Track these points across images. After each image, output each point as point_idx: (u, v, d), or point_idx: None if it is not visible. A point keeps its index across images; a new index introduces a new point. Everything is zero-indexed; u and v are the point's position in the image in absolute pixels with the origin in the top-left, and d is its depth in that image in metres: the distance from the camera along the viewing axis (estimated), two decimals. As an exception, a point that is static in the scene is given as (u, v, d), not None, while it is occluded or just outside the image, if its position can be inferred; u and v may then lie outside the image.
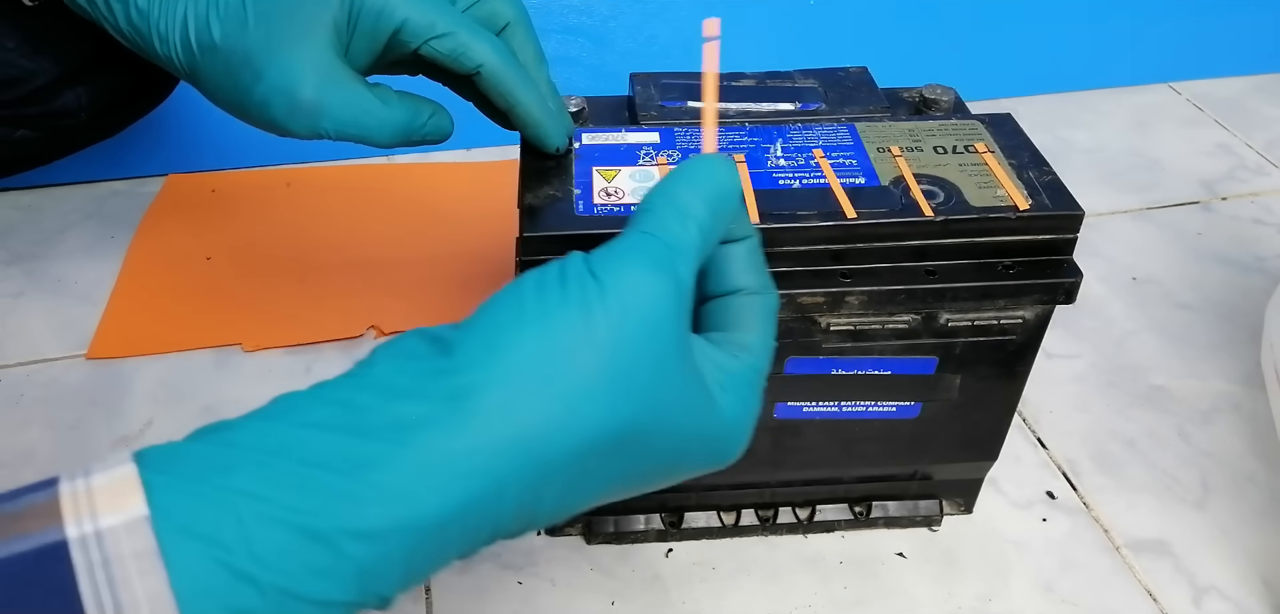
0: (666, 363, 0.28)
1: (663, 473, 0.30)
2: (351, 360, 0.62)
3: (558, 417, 0.26)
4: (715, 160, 0.31)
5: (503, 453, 0.26)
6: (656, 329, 0.28)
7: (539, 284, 0.28)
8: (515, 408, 0.26)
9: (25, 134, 0.56)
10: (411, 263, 0.71)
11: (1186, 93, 0.96)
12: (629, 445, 0.28)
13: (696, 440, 0.30)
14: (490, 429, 0.26)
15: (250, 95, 0.42)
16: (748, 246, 0.33)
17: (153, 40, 0.42)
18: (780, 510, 0.52)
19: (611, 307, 0.27)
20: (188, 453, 0.25)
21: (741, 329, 0.32)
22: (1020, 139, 0.47)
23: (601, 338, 0.27)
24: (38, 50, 0.53)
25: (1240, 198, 0.81)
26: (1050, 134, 0.89)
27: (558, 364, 0.26)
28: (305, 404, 0.26)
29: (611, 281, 0.27)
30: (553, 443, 0.26)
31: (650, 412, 0.28)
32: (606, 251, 0.28)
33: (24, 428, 0.58)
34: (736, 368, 0.31)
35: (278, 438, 0.25)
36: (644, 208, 0.30)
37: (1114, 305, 0.69)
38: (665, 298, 0.28)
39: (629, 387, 0.27)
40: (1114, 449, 0.58)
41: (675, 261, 0.29)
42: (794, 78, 0.52)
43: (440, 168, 0.83)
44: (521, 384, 0.26)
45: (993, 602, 0.50)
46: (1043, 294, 0.43)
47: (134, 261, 0.71)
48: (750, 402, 0.32)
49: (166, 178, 0.81)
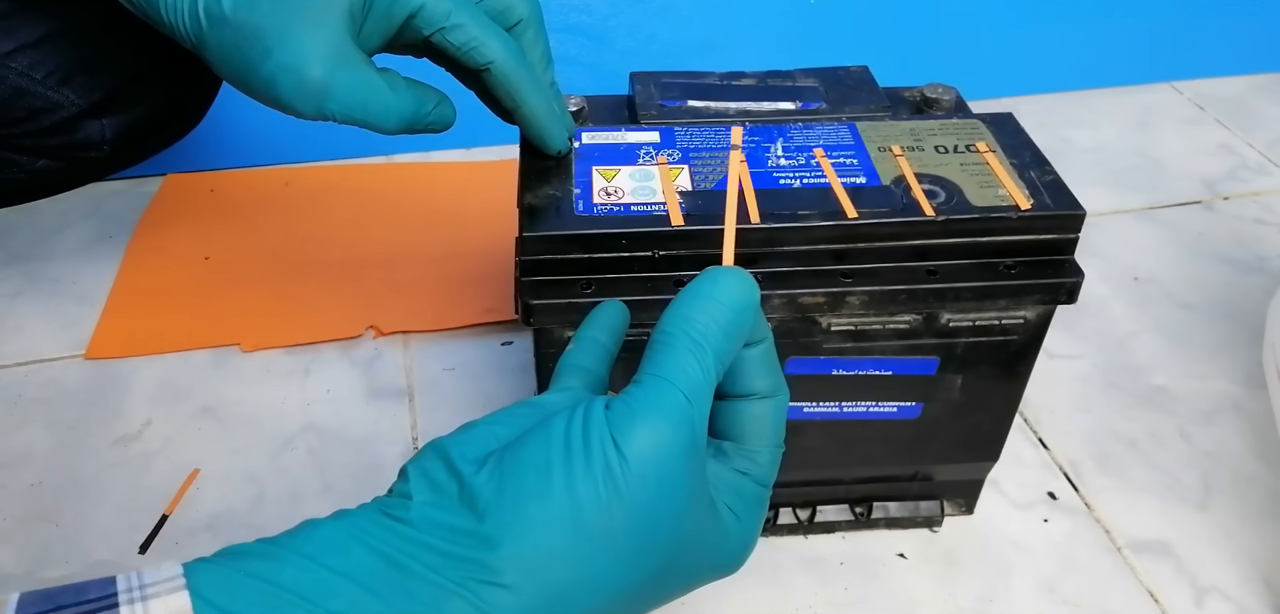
0: (683, 516, 0.30)
1: (672, 594, 0.32)
2: (351, 360, 0.63)
3: (581, 582, 0.28)
4: (732, 277, 0.31)
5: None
6: (673, 486, 0.29)
7: (565, 448, 0.29)
8: (542, 579, 0.28)
9: (47, 164, 0.56)
10: (411, 263, 0.71)
11: (1188, 92, 0.96)
12: (646, 592, 0.30)
13: (705, 559, 0.32)
14: (518, 599, 0.27)
15: (257, 71, 0.41)
16: (762, 349, 0.33)
17: (159, 7, 0.41)
18: (780, 511, 0.51)
19: (632, 475, 0.28)
20: (239, 588, 0.26)
21: (751, 439, 0.33)
22: (1022, 138, 0.47)
23: (623, 508, 0.28)
24: (64, 82, 0.53)
25: (1242, 197, 0.81)
26: (1051, 133, 0.89)
27: (582, 538, 0.28)
28: (345, 545, 0.28)
29: (631, 448, 0.28)
30: (575, 605, 0.28)
31: (667, 560, 0.30)
32: (629, 412, 0.29)
33: (22, 428, 0.58)
34: (745, 488, 0.33)
35: (324, 585, 0.27)
36: (662, 341, 0.31)
37: (1115, 305, 0.69)
38: (681, 453, 0.29)
39: (648, 548, 0.29)
40: (1115, 450, 0.58)
41: (692, 412, 0.30)
42: (795, 77, 0.51)
43: (440, 167, 0.82)
44: (548, 557, 0.28)
45: (994, 603, 0.49)
46: (1044, 294, 0.42)
47: (132, 261, 0.71)
48: (758, 516, 0.34)
49: (165, 177, 0.80)
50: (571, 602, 0.28)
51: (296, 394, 0.60)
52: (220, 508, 0.53)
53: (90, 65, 0.53)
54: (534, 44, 0.45)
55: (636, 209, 0.42)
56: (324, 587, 0.27)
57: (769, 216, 0.41)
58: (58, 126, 0.54)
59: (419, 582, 0.27)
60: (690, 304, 0.31)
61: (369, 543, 0.28)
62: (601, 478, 0.28)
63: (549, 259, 0.41)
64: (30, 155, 0.55)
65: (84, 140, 0.55)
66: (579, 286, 0.41)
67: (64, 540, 0.52)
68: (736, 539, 0.33)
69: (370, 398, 0.61)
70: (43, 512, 0.53)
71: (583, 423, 0.29)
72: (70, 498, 0.54)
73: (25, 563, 0.50)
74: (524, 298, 0.41)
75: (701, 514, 0.31)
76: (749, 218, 0.41)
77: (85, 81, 0.53)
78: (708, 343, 0.30)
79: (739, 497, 0.33)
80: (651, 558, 0.29)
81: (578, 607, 0.28)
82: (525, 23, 0.45)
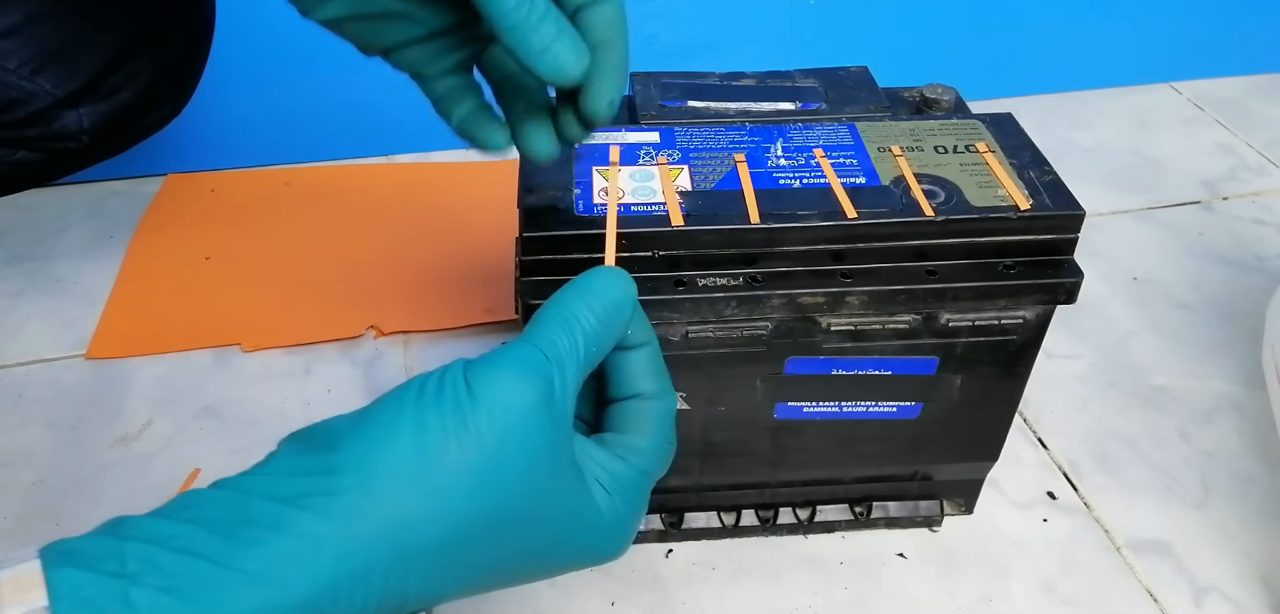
0: (535, 459, 0.30)
1: (537, 562, 0.32)
2: (351, 360, 0.63)
3: (422, 507, 0.29)
4: (609, 273, 0.34)
5: (369, 539, 0.28)
6: (523, 429, 0.30)
7: (418, 391, 0.30)
8: (383, 499, 0.28)
9: (25, 155, 0.55)
10: (411, 263, 0.71)
11: (1187, 92, 0.96)
12: (495, 532, 0.30)
13: (571, 533, 0.32)
14: (358, 518, 0.28)
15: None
16: (646, 353, 0.35)
17: None
18: (780, 511, 0.52)
19: (480, 410, 0.29)
20: (86, 547, 0.27)
21: (634, 431, 0.34)
22: (1021, 139, 0.47)
23: (467, 437, 0.29)
24: (38, 72, 0.52)
25: (1241, 198, 0.81)
26: (1051, 134, 0.89)
27: (424, 461, 0.29)
28: (201, 501, 0.28)
29: (482, 388, 0.30)
30: (417, 530, 0.29)
31: (517, 501, 0.30)
32: (484, 361, 0.31)
33: (23, 428, 0.58)
34: (621, 470, 0.33)
35: (167, 531, 0.27)
36: (535, 319, 0.32)
37: (1115, 305, 0.69)
38: (534, 401, 0.30)
39: (493, 481, 0.29)
40: (1115, 449, 0.58)
41: (549, 368, 0.31)
42: (794, 77, 0.51)
43: (440, 167, 0.82)
44: (390, 478, 0.29)
45: (993, 602, 0.49)
46: (1043, 294, 0.43)
47: (133, 261, 0.71)
48: (634, 501, 0.34)
49: (166, 178, 0.81)
50: (411, 527, 0.29)
51: (297, 394, 0.60)
52: (221, 507, 0.53)
53: (66, 54, 0.53)
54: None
55: (636, 209, 0.42)
56: (166, 531, 0.27)
57: (769, 217, 0.41)
58: (33, 117, 0.53)
59: (262, 502, 0.28)
60: (567, 292, 0.33)
61: (223, 489, 0.29)
62: (449, 409, 0.29)
63: (549, 259, 0.41)
64: (8, 147, 0.54)
65: (61, 131, 0.54)
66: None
67: (65, 540, 0.52)
68: (608, 517, 0.33)
69: (371, 398, 0.60)
70: (43, 511, 0.53)
71: (440, 373, 0.30)
72: (71, 498, 0.54)
73: (26, 562, 0.50)
74: (524, 298, 0.41)
75: (563, 476, 0.31)
76: (749, 218, 0.41)
77: (61, 71, 0.53)
78: (578, 323, 0.32)
79: (613, 477, 0.33)
80: (497, 496, 0.30)
81: (419, 534, 0.29)
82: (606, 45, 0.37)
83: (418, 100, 0.42)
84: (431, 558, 0.29)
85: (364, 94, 0.81)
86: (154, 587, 0.26)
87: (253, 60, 0.78)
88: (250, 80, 0.79)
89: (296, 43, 0.77)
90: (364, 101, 0.81)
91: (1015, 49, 0.93)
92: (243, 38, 0.76)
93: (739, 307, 0.41)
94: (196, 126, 0.79)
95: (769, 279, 0.41)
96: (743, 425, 0.46)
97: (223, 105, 0.79)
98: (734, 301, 0.41)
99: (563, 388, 0.31)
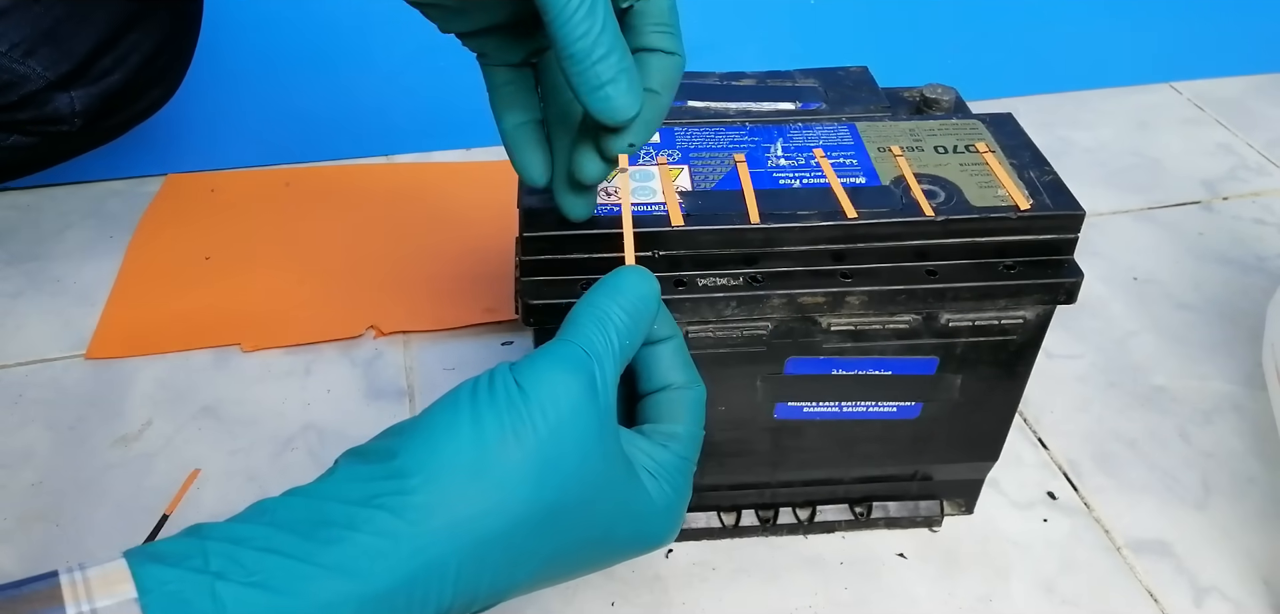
0: (588, 448, 0.32)
1: (596, 551, 0.34)
2: (351, 360, 0.63)
3: (487, 499, 0.30)
4: (634, 272, 0.35)
5: (442, 534, 0.29)
6: (575, 421, 0.31)
7: (471, 392, 0.31)
8: (451, 495, 0.30)
9: (17, 140, 0.55)
10: (411, 263, 0.71)
11: (1187, 92, 0.96)
12: (557, 522, 0.31)
13: (625, 520, 0.34)
14: (429, 514, 0.29)
15: None
16: (673, 346, 0.36)
17: None
18: (780, 511, 0.52)
19: (532, 406, 0.31)
20: (170, 548, 0.28)
21: (671, 420, 0.36)
22: (1021, 139, 0.47)
23: (524, 431, 0.31)
24: (30, 54, 0.52)
25: (1241, 198, 0.81)
26: (1051, 134, 0.89)
27: (486, 456, 0.30)
28: (276, 506, 0.30)
29: (532, 385, 0.31)
30: (485, 523, 0.30)
31: (575, 490, 0.31)
32: (530, 361, 0.32)
33: (23, 428, 0.58)
34: (665, 457, 0.35)
35: (246, 533, 0.28)
36: (569, 320, 0.34)
37: (1115, 305, 0.69)
38: (582, 394, 0.32)
39: (552, 471, 0.31)
40: (1115, 449, 0.58)
41: (590, 364, 0.32)
42: (794, 77, 0.51)
43: (440, 167, 0.82)
44: (455, 475, 0.30)
45: (993, 602, 0.49)
46: (1044, 294, 0.43)
47: (133, 261, 0.71)
48: (681, 487, 0.36)
49: (165, 177, 0.81)
50: (480, 520, 0.30)
51: (297, 394, 0.60)
52: (221, 508, 0.53)
53: (56, 36, 0.52)
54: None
55: (637, 209, 0.42)
56: (245, 532, 0.29)
57: (769, 217, 0.41)
58: (25, 100, 0.53)
59: (335, 504, 0.29)
60: (597, 292, 0.34)
61: (294, 497, 0.30)
62: (504, 406, 0.31)
63: (549, 259, 0.41)
64: (1, 131, 0.54)
65: (53, 114, 0.54)
66: (579, 287, 0.41)
67: (64, 540, 0.52)
68: (659, 503, 0.34)
69: (371, 398, 0.61)
70: (43, 512, 0.53)
71: (489, 376, 0.32)
72: (71, 498, 0.54)
73: (25, 563, 0.50)
74: (524, 298, 0.41)
75: (613, 463, 0.33)
76: (749, 218, 0.41)
77: (51, 53, 0.53)
78: (610, 320, 0.33)
79: (659, 464, 0.35)
80: (556, 484, 0.31)
81: (487, 526, 0.30)
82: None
83: (418, 100, 0.42)
84: (499, 549, 0.30)
85: (364, 94, 0.81)
86: (239, 581, 0.27)
87: (253, 60, 0.78)
88: (251, 80, 0.79)
89: (297, 43, 0.77)
90: (364, 101, 0.81)
91: (1015, 49, 0.93)
92: (243, 38, 0.76)
93: (739, 306, 0.41)
94: (197, 126, 0.80)
95: (769, 279, 0.41)
96: (743, 425, 0.46)
97: (223, 105, 0.79)
98: (734, 301, 0.41)
99: (604, 381, 0.33)
